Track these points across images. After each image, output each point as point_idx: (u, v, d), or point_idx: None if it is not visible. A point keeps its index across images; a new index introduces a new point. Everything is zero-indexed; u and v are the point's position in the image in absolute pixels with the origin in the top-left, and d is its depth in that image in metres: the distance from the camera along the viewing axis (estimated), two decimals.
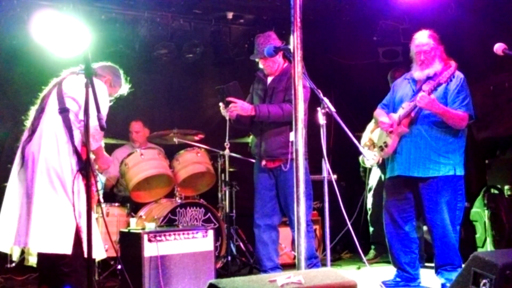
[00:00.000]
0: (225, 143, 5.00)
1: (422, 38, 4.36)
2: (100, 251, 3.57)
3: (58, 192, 3.43)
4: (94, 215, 3.39)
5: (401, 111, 4.38)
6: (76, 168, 3.46)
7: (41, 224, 3.37)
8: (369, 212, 5.99)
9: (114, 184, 5.98)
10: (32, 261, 3.62)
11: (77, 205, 3.37)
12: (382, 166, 5.14)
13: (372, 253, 5.93)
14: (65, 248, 3.37)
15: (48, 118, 3.58)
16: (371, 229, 5.99)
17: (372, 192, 5.98)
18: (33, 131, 3.58)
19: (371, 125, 5.86)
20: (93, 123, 3.02)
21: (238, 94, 4.51)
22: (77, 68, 3.68)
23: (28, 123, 3.67)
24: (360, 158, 6.04)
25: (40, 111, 3.63)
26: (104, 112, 3.52)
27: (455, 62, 4.31)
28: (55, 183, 3.43)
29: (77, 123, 3.55)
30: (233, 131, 5.11)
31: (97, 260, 3.98)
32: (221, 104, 4.55)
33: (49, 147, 3.47)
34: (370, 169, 6.03)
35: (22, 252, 3.67)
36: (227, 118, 4.59)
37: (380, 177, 5.87)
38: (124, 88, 4.06)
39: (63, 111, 3.55)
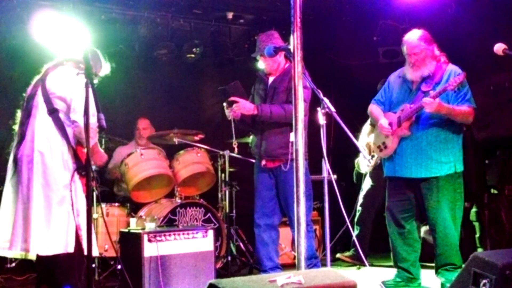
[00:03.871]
0: (233, 143, 4.71)
1: (412, 40, 4.34)
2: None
3: (56, 193, 3.41)
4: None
5: (400, 113, 4.37)
6: (73, 167, 3.44)
7: (41, 229, 3.35)
8: (358, 213, 5.82)
9: (118, 176, 5.85)
10: (32, 255, 3.60)
11: (75, 204, 3.36)
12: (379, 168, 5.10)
13: (351, 252, 5.76)
14: (67, 247, 3.38)
15: (37, 121, 3.51)
16: (356, 229, 5.71)
17: (363, 193, 5.86)
18: (22, 135, 3.51)
19: (367, 127, 5.84)
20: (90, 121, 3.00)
21: (240, 94, 4.50)
22: (56, 61, 3.62)
23: (16, 128, 3.60)
24: (356, 162, 5.99)
25: (27, 115, 3.55)
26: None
27: (447, 58, 4.33)
28: (52, 185, 3.41)
29: (68, 122, 3.49)
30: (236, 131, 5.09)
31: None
32: (224, 104, 4.55)
33: (42, 149, 3.43)
34: (365, 175, 5.98)
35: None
36: (231, 118, 4.52)
37: (373, 181, 5.79)
38: (106, 68, 3.86)
39: (52, 111, 3.50)
